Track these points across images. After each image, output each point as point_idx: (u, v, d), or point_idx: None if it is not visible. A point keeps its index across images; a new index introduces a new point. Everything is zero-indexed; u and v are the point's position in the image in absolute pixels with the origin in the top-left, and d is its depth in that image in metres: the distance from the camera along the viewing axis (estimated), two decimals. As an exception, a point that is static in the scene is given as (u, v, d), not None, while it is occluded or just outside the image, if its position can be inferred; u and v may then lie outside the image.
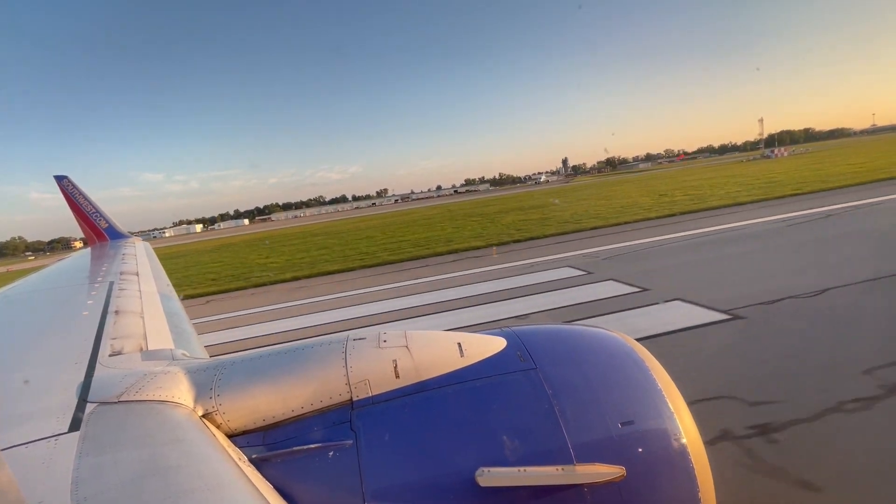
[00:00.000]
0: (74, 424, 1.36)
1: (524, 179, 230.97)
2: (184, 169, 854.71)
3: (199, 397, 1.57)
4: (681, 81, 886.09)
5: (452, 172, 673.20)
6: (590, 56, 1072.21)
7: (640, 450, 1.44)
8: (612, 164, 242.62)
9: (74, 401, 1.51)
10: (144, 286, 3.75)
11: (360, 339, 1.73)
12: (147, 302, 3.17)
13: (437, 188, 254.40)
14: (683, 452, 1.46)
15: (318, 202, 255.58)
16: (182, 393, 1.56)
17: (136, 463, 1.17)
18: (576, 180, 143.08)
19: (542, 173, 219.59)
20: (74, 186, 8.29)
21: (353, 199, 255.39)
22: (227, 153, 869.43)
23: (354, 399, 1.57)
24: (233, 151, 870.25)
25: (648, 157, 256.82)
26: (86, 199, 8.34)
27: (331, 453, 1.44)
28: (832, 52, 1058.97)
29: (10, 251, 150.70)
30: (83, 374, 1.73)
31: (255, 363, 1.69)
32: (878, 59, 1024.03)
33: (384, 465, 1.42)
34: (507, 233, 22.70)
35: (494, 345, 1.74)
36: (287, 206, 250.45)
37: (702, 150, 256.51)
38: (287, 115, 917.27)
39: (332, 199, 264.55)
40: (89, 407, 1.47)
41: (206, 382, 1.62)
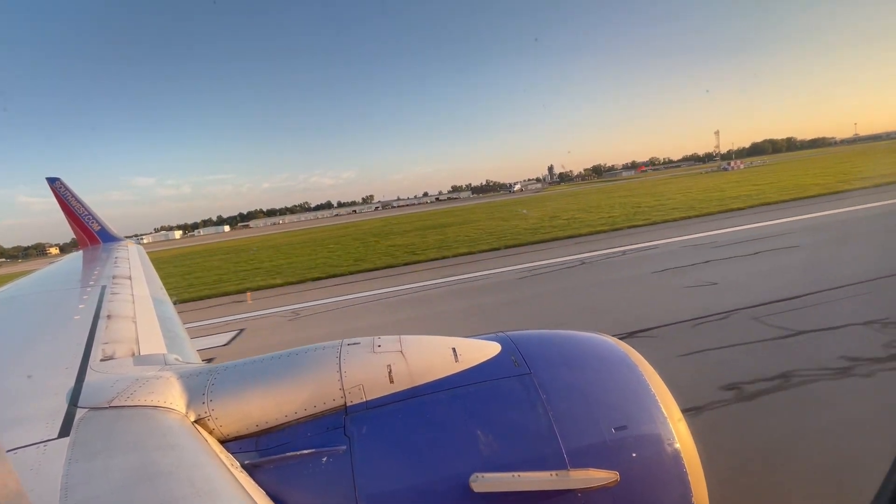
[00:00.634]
0: (64, 430, 1.34)
1: (508, 186, 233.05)
2: (177, 173, 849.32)
3: (191, 402, 1.55)
4: (672, 89, 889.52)
5: (445, 178, 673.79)
6: (582, 62, 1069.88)
7: (633, 455, 1.44)
8: (598, 172, 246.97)
9: (65, 406, 1.49)
10: (137, 290, 3.72)
11: (354, 343, 1.73)
12: (140, 306, 3.13)
13: (424, 194, 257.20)
14: (677, 457, 1.46)
15: (302, 208, 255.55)
16: (174, 398, 1.55)
17: (126, 469, 1.16)
18: (549, 189, 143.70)
19: (517, 182, 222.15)
20: (67, 189, 8.25)
21: (339, 205, 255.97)
22: (220, 158, 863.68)
23: (348, 404, 1.56)
24: (226, 156, 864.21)
25: (633, 164, 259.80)
26: (78, 201, 8.27)
27: (324, 459, 1.42)
28: (818, 62, 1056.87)
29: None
30: (74, 378, 1.72)
31: (248, 368, 1.68)
32: (860, 70, 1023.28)
33: (378, 471, 1.41)
34: (364, 259, 22.01)
35: (489, 350, 1.74)
36: (272, 213, 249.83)
37: (686, 159, 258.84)
38: (282, 119, 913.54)
39: (317, 205, 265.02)
40: (80, 412, 1.45)
41: (198, 388, 1.60)
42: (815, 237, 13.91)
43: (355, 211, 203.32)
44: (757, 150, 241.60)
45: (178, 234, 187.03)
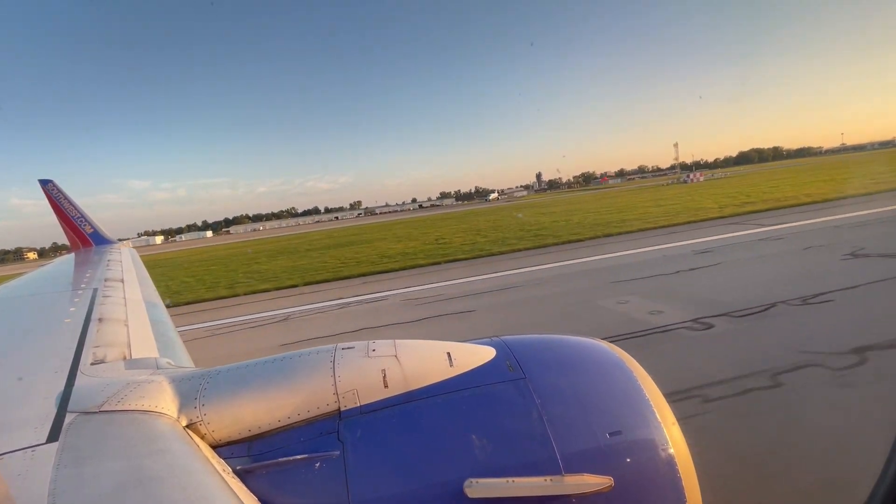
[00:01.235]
0: (53, 435, 1.32)
1: (485, 195, 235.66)
2: (173, 176, 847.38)
3: (183, 407, 1.53)
4: (665, 97, 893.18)
5: (441, 183, 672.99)
6: (576, 68, 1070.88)
7: (628, 460, 1.44)
8: (587, 180, 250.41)
9: (54, 410, 1.46)
10: (129, 293, 3.67)
11: (348, 348, 1.73)
12: (132, 309, 3.11)
13: (413, 200, 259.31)
14: (671, 462, 1.46)
15: (289, 214, 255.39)
16: (166, 402, 1.53)
17: (116, 475, 1.15)
18: (527, 198, 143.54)
19: (494, 191, 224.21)
20: (59, 191, 8.18)
21: (325, 210, 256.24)
22: (216, 161, 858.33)
23: (342, 409, 1.55)
24: (222, 160, 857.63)
25: (622, 172, 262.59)
26: (71, 203, 8.20)
27: (317, 464, 1.42)
28: (809, 71, 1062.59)
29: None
30: (63, 382, 1.69)
31: (241, 372, 1.67)
32: (849, 80, 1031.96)
33: (372, 476, 1.40)
34: (217, 285, 20.84)
35: (484, 354, 1.74)
36: (258, 218, 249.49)
37: (673, 167, 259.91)
38: (278, 124, 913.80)
39: (304, 210, 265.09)
40: (69, 417, 1.42)
41: (190, 392, 1.58)
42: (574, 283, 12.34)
43: (337, 217, 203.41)
44: (744, 158, 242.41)
45: (159, 239, 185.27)
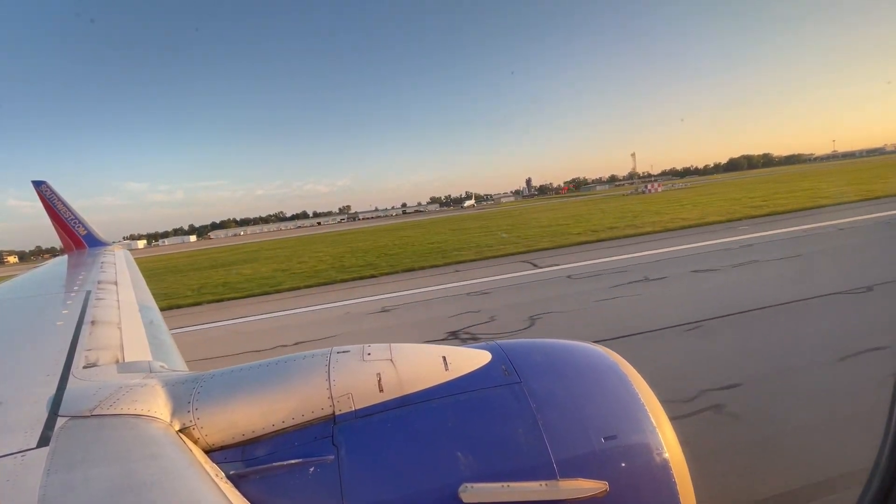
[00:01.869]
0: (44, 439, 1.31)
1: (490, 197, 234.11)
2: (170, 178, 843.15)
3: (176, 411, 1.52)
4: (660, 103, 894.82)
5: (439, 187, 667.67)
6: (571, 72, 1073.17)
7: (622, 464, 1.44)
8: (577, 186, 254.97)
9: (45, 415, 1.45)
10: (123, 296, 3.66)
11: (343, 352, 1.72)
12: (125, 312, 3.09)
13: (403, 205, 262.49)
14: (665, 467, 1.46)
15: (277, 218, 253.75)
16: (158, 406, 1.52)
17: (107, 480, 1.13)
18: (511, 204, 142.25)
19: (471, 196, 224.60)
20: (53, 192, 8.08)
21: (315, 215, 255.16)
22: (215, 164, 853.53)
23: (337, 413, 1.54)
24: (221, 162, 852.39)
25: (613, 178, 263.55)
26: (64, 205, 8.10)
27: (311, 469, 1.41)
28: (802, 79, 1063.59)
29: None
30: (55, 386, 1.67)
31: (235, 376, 1.66)
32: (839, 87, 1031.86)
33: (366, 481, 1.40)
34: None
35: (479, 358, 1.74)
36: (245, 222, 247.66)
37: (665, 173, 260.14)
38: (278, 126, 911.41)
39: (292, 214, 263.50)
40: (60, 421, 1.41)
41: (183, 396, 1.57)
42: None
43: (319, 223, 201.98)
44: (733, 165, 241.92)
45: (141, 243, 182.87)
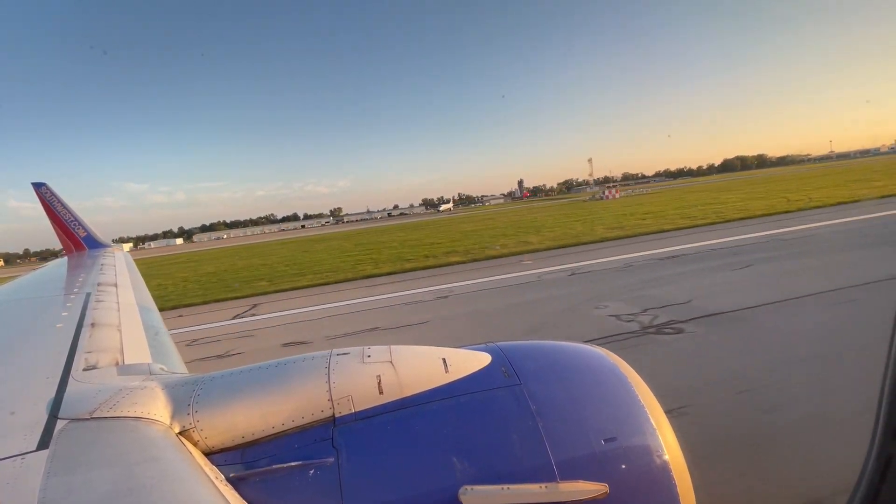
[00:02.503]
0: (43, 442, 1.31)
1: (480, 199, 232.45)
2: (170, 180, 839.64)
3: (175, 414, 1.52)
4: (657, 104, 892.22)
5: (438, 188, 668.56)
6: (568, 73, 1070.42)
7: (622, 466, 1.44)
8: (569, 187, 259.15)
9: (44, 417, 1.45)
10: (123, 297, 3.65)
11: (343, 354, 1.72)
12: (125, 314, 3.09)
13: (395, 207, 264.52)
14: (665, 469, 1.46)
15: (267, 220, 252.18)
16: (158, 409, 1.52)
17: (107, 482, 1.13)
18: (496, 206, 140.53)
19: (450, 200, 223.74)
20: (53, 194, 8.08)
21: (304, 217, 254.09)
22: (215, 165, 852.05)
23: (337, 415, 1.54)
24: (221, 163, 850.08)
25: (606, 179, 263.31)
26: (64, 206, 8.10)
27: (311, 471, 1.41)
28: (800, 78, 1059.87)
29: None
30: (55, 389, 1.67)
31: (234, 378, 1.66)
32: (836, 88, 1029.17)
33: (366, 483, 1.39)
34: None
35: (479, 360, 1.73)
36: (235, 224, 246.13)
37: (658, 175, 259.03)
38: (279, 127, 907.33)
39: (283, 217, 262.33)
40: (60, 423, 1.41)
41: (183, 398, 1.57)
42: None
43: (303, 226, 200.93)
44: (727, 166, 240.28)
45: (126, 246, 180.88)
